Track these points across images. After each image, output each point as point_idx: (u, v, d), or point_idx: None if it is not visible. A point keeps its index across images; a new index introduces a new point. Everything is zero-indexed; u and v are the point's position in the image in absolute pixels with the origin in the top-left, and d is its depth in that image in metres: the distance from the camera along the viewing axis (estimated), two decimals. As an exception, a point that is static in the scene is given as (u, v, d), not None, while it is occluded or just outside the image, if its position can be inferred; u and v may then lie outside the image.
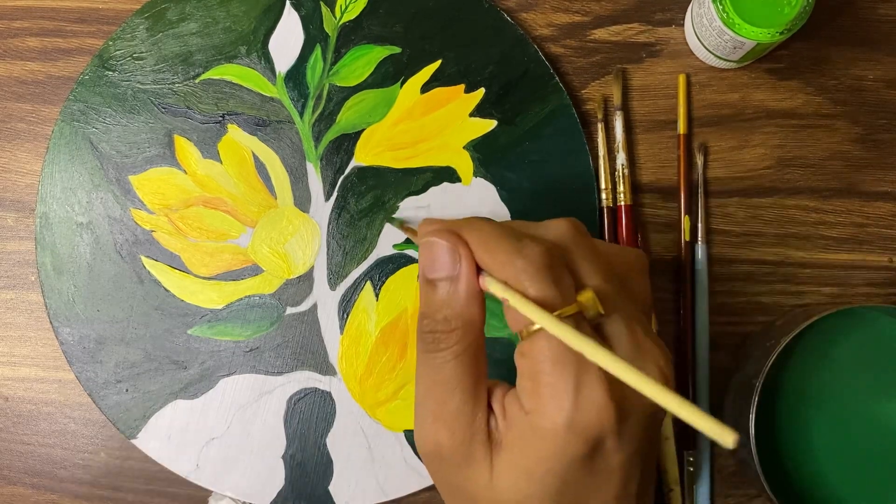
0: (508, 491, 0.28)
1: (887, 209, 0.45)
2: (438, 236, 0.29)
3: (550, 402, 0.27)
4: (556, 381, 0.27)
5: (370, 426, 0.44)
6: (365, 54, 0.46)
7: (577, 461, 0.27)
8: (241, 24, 0.46)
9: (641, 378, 0.24)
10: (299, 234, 0.45)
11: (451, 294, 0.29)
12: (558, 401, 0.26)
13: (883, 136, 0.45)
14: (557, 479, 0.27)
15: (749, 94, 0.45)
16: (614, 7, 0.46)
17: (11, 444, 0.47)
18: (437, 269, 0.30)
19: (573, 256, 0.29)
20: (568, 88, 0.45)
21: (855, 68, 0.45)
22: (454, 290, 0.29)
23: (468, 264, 0.29)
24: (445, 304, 0.29)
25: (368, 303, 0.45)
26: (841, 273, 0.45)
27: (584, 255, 0.29)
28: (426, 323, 0.30)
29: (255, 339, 0.45)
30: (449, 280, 0.29)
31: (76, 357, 0.45)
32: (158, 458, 0.44)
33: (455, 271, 0.29)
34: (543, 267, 0.28)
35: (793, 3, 0.39)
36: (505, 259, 0.28)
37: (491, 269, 0.29)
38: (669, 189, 0.45)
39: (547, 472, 0.27)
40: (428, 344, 0.30)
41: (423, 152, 0.45)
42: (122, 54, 0.46)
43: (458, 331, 0.29)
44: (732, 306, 0.45)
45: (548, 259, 0.28)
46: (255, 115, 0.46)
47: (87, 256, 0.45)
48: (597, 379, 0.26)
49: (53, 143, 0.46)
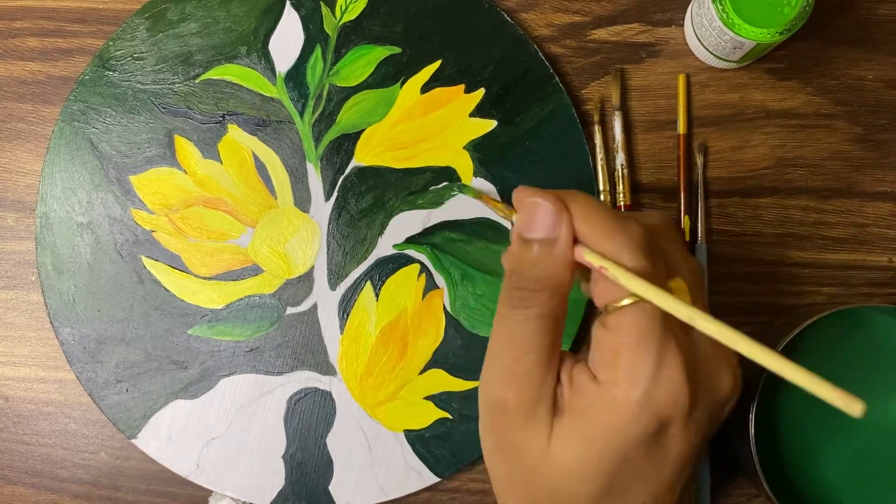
0: (563, 455, 0.28)
1: (887, 209, 0.45)
2: (544, 197, 0.29)
3: (629, 376, 0.27)
4: (638, 357, 0.27)
5: (370, 426, 0.44)
6: (365, 54, 0.46)
7: (640, 439, 0.27)
8: (241, 25, 0.46)
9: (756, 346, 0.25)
10: (299, 234, 0.45)
11: (545, 255, 0.29)
12: (638, 375, 0.27)
13: (882, 136, 0.45)
14: (615, 454, 0.27)
15: (749, 95, 0.45)
16: (614, 7, 0.46)
17: (12, 444, 0.47)
18: (537, 229, 0.30)
19: (667, 246, 0.30)
20: (568, 88, 0.45)
21: (855, 68, 0.45)
22: (550, 252, 0.29)
23: (568, 229, 0.29)
24: (538, 263, 0.29)
25: (368, 303, 0.45)
26: (841, 273, 0.45)
27: (677, 247, 0.30)
28: (515, 279, 0.30)
29: (256, 339, 0.45)
30: (545, 242, 0.29)
31: (76, 357, 0.45)
32: (159, 458, 0.44)
33: (554, 234, 0.29)
34: (643, 246, 0.28)
35: (792, 4, 0.39)
36: (607, 233, 0.28)
37: (590, 240, 0.29)
38: (669, 189, 0.45)
39: (607, 444, 0.27)
40: (514, 300, 0.30)
41: (423, 152, 0.45)
42: (122, 54, 0.46)
43: (546, 291, 0.29)
44: (732, 306, 0.45)
45: (647, 239, 0.28)
46: (255, 116, 0.46)
47: (87, 256, 0.45)
48: (678, 362, 0.27)
49: (54, 143, 0.46)
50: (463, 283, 0.45)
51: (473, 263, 0.45)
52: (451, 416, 0.44)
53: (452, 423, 0.44)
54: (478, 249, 0.45)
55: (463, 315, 0.44)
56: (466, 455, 0.44)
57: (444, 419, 0.44)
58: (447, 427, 0.44)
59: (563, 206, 0.29)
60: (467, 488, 0.45)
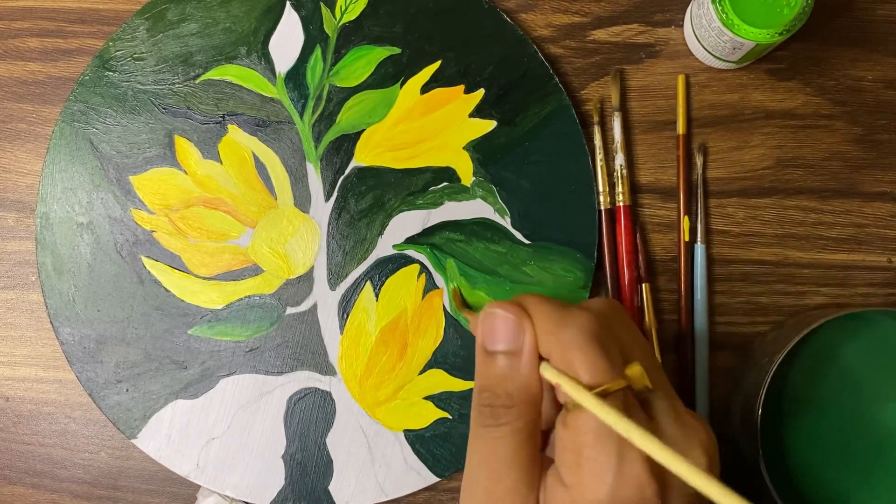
0: None
1: (886, 209, 0.45)
2: (502, 307, 0.29)
3: (592, 477, 0.26)
4: (599, 455, 0.26)
5: (370, 426, 0.44)
6: (365, 55, 0.46)
7: None
8: (241, 25, 0.46)
9: (688, 467, 0.24)
10: (299, 234, 0.45)
11: (512, 368, 0.29)
12: (601, 475, 0.26)
13: (882, 137, 0.45)
14: None
15: (748, 95, 0.46)
16: (614, 8, 0.46)
17: (12, 444, 0.47)
18: (498, 341, 0.29)
19: (618, 330, 0.29)
20: (567, 89, 0.46)
21: (854, 69, 0.46)
22: (516, 364, 0.29)
23: (531, 337, 0.29)
24: (507, 378, 0.29)
25: (368, 303, 0.45)
26: (840, 273, 0.45)
27: (627, 330, 0.29)
28: (486, 396, 0.29)
29: (256, 339, 0.45)
30: (510, 354, 0.29)
31: (76, 357, 0.45)
32: (159, 457, 0.45)
33: (518, 345, 0.29)
34: (595, 335, 0.27)
35: (792, 4, 0.39)
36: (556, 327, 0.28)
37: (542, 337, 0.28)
38: (669, 189, 0.45)
39: None
40: (486, 418, 0.29)
41: (422, 153, 0.45)
42: (122, 55, 0.46)
43: (519, 406, 0.28)
44: (732, 306, 0.45)
45: (598, 327, 0.28)
46: (255, 116, 0.46)
47: (87, 256, 0.45)
48: (638, 454, 0.26)
49: (54, 143, 0.46)
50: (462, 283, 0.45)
51: (473, 263, 0.45)
52: (450, 416, 0.44)
53: (452, 423, 0.44)
54: (477, 249, 0.45)
55: (463, 315, 0.45)
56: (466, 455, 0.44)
57: (443, 419, 0.44)
58: (447, 427, 0.44)
59: (522, 313, 0.29)
60: (467, 488, 0.45)
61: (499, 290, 0.44)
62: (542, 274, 0.44)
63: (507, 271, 0.44)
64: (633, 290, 0.44)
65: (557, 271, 0.44)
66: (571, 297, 0.44)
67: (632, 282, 0.44)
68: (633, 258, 0.45)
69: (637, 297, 0.44)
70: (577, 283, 0.44)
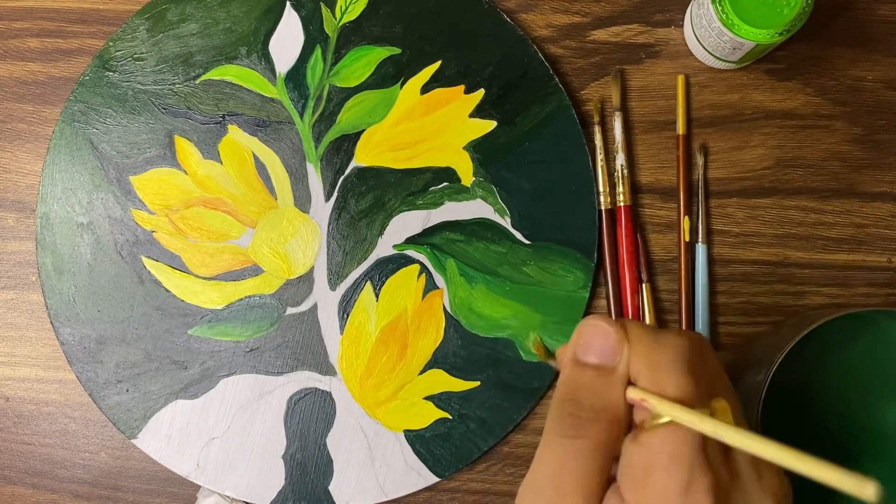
0: None
1: (886, 209, 0.45)
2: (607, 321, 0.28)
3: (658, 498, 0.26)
4: (669, 478, 0.26)
5: (370, 426, 0.44)
6: (365, 55, 0.46)
7: None
8: (241, 25, 0.46)
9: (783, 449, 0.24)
10: (299, 234, 0.45)
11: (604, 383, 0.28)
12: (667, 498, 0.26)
13: (882, 137, 0.45)
14: None
15: (748, 95, 0.46)
16: (613, 8, 0.46)
17: (12, 444, 0.47)
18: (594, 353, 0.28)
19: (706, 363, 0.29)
20: (567, 89, 0.46)
21: (854, 69, 0.46)
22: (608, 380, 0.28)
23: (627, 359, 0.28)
24: (596, 392, 0.28)
25: (368, 303, 0.45)
26: (840, 273, 0.45)
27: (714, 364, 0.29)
28: (569, 404, 0.28)
29: (256, 339, 0.45)
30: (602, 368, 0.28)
31: (77, 357, 0.45)
32: (159, 458, 0.45)
33: (614, 361, 0.28)
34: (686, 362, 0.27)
35: (792, 5, 0.39)
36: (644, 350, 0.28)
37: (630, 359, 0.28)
38: (669, 190, 0.45)
39: None
40: (568, 428, 0.28)
41: (423, 153, 0.45)
42: (122, 55, 0.46)
43: (603, 423, 0.28)
44: (732, 306, 0.45)
45: (689, 355, 0.27)
46: (255, 116, 0.46)
47: (87, 257, 0.45)
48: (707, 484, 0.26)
49: (54, 143, 0.46)
50: (462, 283, 0.45)
51: (473, 263, 0.45)
52: (450, 416, 0.44)
53: (452, 423, 0.44)
54: (478, 249, 0.45)
55: (462, 315, 0.45)
56: (466, 455, 0.44)
57: (443, 419, 0.44)
58: (447, 427, 0.44)
59: (623, 331, 0.28)
60: (467, 488, 0.45)
61: (499, 290, 0.44)
62: (542, 274, 0.44)
63: (508, 271, 0.44)
64: (634, 290, 0.44)
65: (557, 271, 0.44)
66: (571, 297, 0.44)
67: (632, 282, 0.44)
68: (633, 258, 0.45)
69: (637, 297, 0.44)
70: (577, 283, 0.44)
